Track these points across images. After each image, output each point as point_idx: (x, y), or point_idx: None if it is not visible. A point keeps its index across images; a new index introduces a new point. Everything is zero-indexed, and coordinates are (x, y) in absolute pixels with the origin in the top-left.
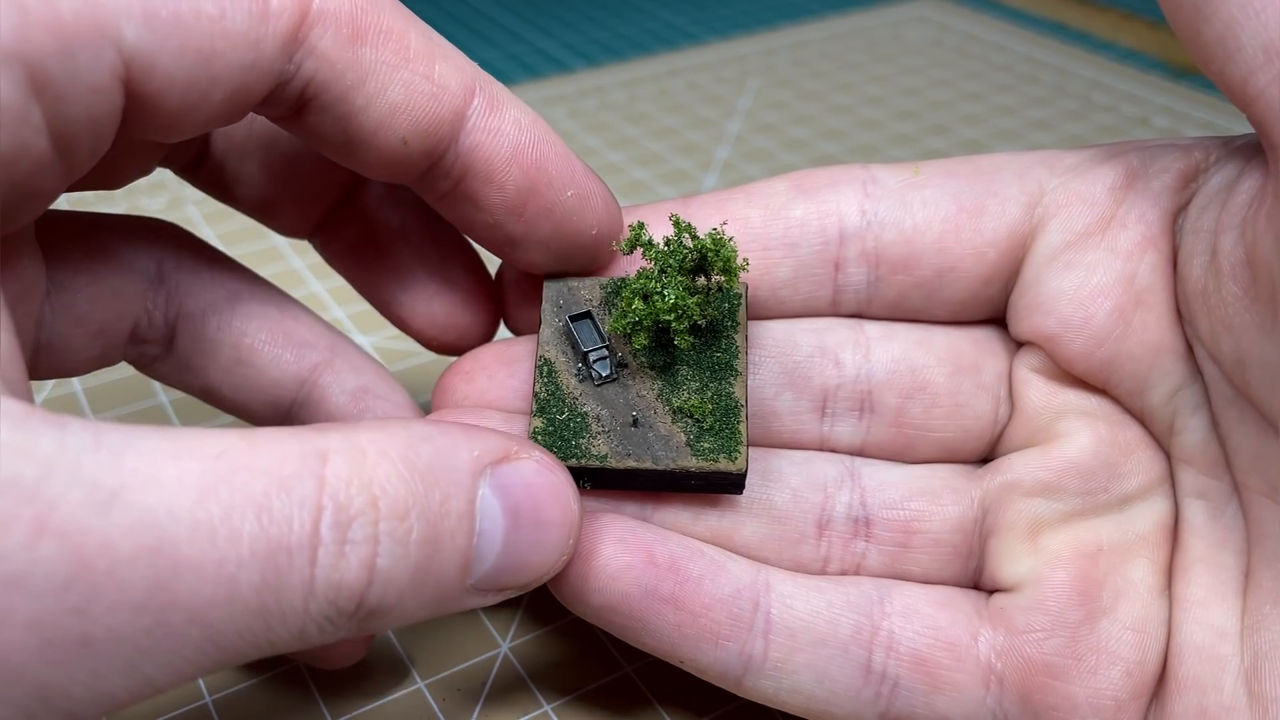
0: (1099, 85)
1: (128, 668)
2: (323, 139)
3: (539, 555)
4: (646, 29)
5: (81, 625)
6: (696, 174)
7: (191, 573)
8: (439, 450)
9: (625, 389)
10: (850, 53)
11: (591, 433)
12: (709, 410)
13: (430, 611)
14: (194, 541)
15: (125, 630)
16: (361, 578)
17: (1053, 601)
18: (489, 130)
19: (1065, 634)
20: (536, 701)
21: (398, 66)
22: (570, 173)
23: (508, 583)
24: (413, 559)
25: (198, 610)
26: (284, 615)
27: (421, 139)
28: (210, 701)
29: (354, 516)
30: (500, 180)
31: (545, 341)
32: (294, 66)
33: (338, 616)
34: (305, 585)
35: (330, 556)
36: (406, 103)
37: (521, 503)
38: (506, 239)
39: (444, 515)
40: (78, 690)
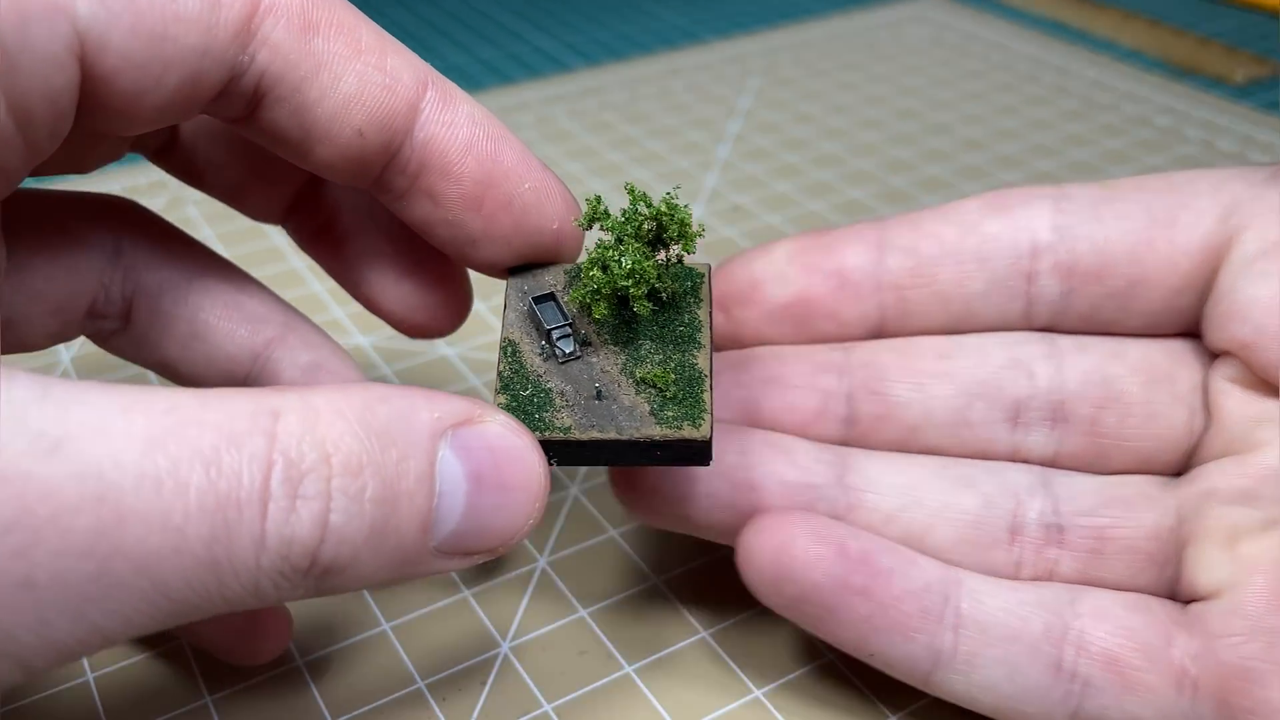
0: (1099, 84)
1: (75, 615)
2: (279, 136)
3: (504, 519)
4: (647, 28)
5: (24, 568)
6: (697, 173)
7: (137, 522)
8: (397, 411)
9: (589, 365)
10: (851, 52)
11: (555, 407)
12: (672, 380)
13: (392, 572)
14: (140, 492)
15: (70, 576)
16: (314, 534)
17: (1251, 606)
18: (443, 123)
19: (1264, 639)
20: (537, 701)
21: (350, 58)
22: (527, 166)
23: (473, 546)
24: (368, 517)
25: (145, 560)
26: (235, 570)
27: (377, 130)
28: (210, 701)
29: (306, 472)
30: (457, 173)
31: (509, 325)
32: (248, 59)
33: (292, 573)
34: (256, 540)
35: (281, 511)
36: (360, 93)
37: (484, 466)
38: (467, 237)
39: (401, 475)
40: (24, 634)
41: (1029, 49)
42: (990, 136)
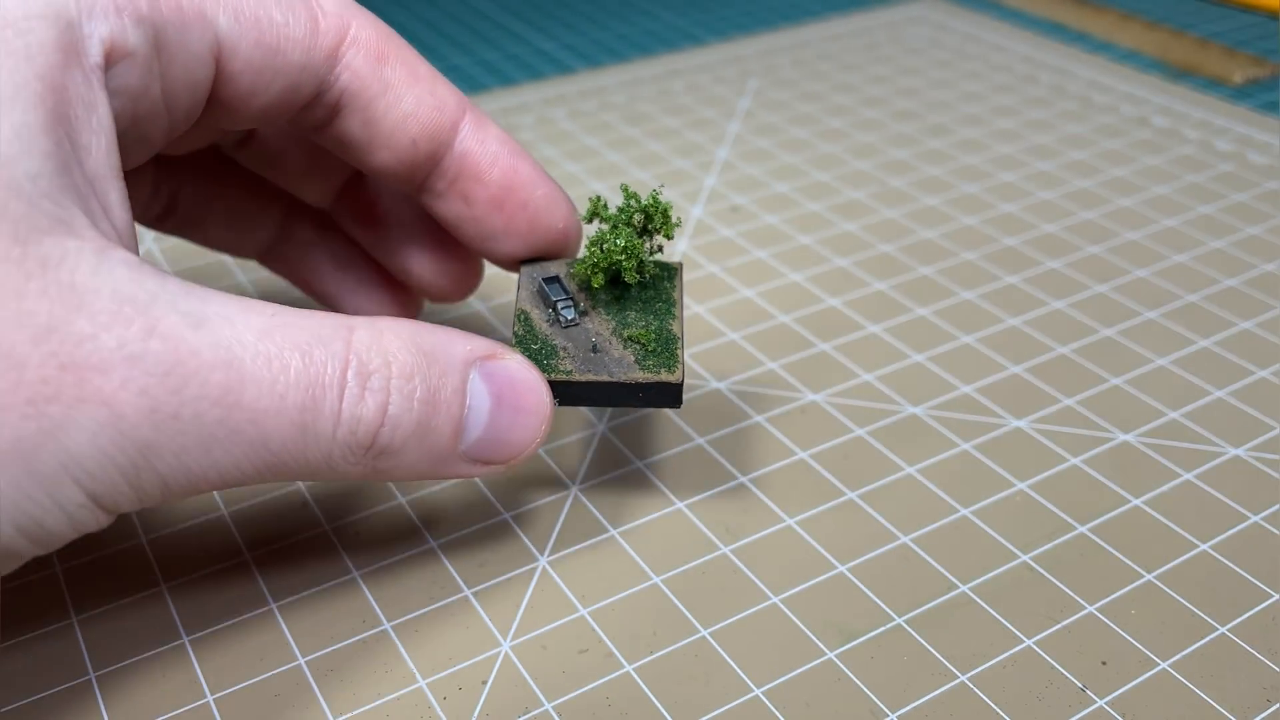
0: (1098, 85)
1: (204, 449)
2: (348, 141)
3: (517, 434)
4: (647, 30)
5: (176, 402)
6: (697, 174)
7: (252, 385)
8: (440, 340)
9: (585, 330)
10: (849, 53)
11: (559, 357)
12: (652, 338)
13: (429, 467)
14: (255, 363)
15: (205, 417)
16: (376, 418)
17: None
18: (477, 139)
19: None
20: (538, 700)
21: (410, 84)
22: (540, 177)
23: (491, 455)
24: (416, 413)
25: (256, 414)
26: (317, 436)
27: (427, 141)
28: (211, 700)
29: (372, 371)
30: (486, 179)
31: (521, 300)
32: (334, 77)
33: (356, 448)
34: (334, 415)
35: (353, 397)
36: (416, 112)
37: (504, 390)
38: (489, 233)
39: (441, 386)
40: (168, 458)
41: (1027, 50)
42: (989, 137)
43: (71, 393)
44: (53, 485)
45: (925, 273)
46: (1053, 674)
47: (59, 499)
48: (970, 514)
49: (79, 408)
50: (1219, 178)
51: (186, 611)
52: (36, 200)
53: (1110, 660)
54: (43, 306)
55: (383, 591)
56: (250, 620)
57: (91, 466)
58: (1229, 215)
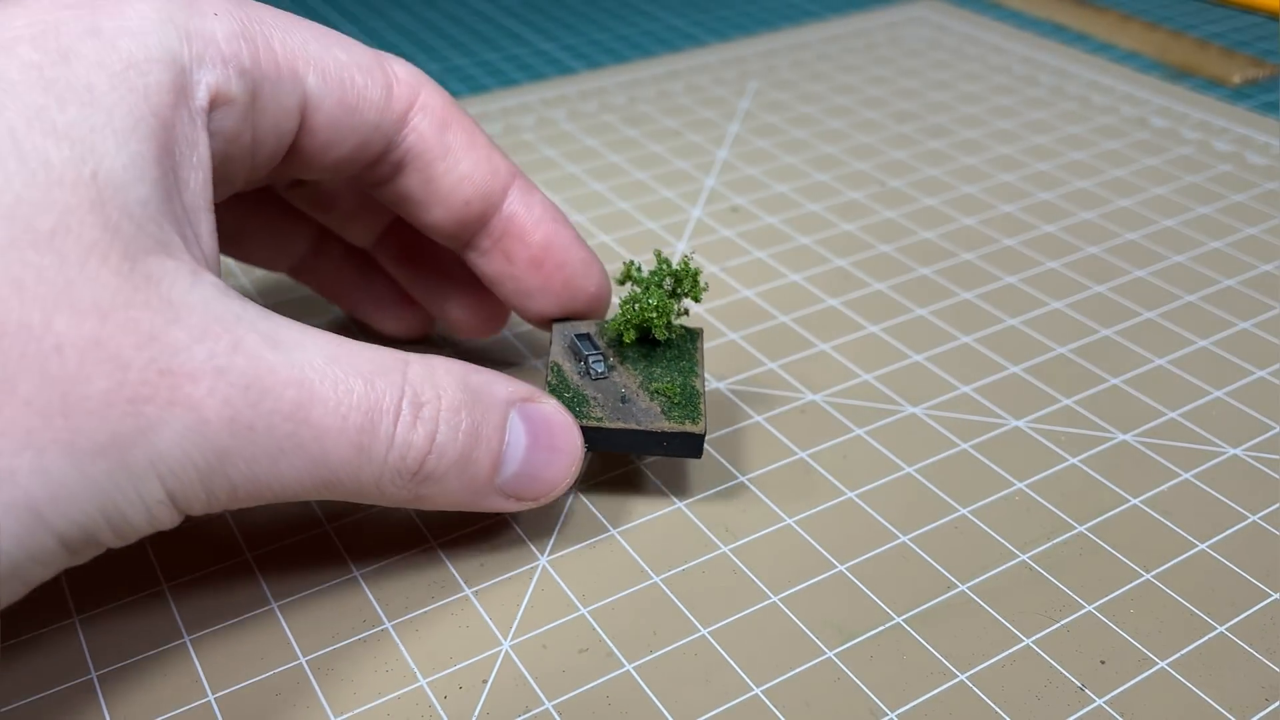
0: (1097, 86)
1: (271, 460)
2: (407, 197)
3: (550, 472)
4: (646, 31)
5: (253, 414)
6: (697, 175)
7: (320, 404)
8: (485, 380)
9: (614, 382)
10: (848, 54)
11: (590, 405)
12: (677, 392)
13: (467, 497)
14: (323, 385)
15: (276, 429)
16: (425, 445)
17: None
18: (524, 204)
19: None
20: (538, 699)
21: (469, 149)
22: (578, 242)
23: (524, 491)
24: (460, 443)
25: (320, 431)
26: (371, 458)
27: (480, 202)
28: (213, 699)
29: (424, 402)
30: (529, 240)
31: (555, 354)
32: (401, 138)
33: (405, 472)
34: (388, 439)
35: (406, 424)
36: (472, 174)
37: (540, 430)
38: (527, 290)
39: (484, 422)
40: (240, 465)
41: (1026, 51)
42: (989, 138)
43: (165, 396)
44: (140, 480)
45: (924, 273)
46: (1052, 673)
47: (144, 494)
48: (969, 514)
49: (170, 410)
50: (1218, 178)
51: (188, 611)
52: (144, 223)
53: (1109, 659)
54: (146, 316)
55: (383, 591)
56: (251, 620)
57: (175, 466)
58: (1228, 216)
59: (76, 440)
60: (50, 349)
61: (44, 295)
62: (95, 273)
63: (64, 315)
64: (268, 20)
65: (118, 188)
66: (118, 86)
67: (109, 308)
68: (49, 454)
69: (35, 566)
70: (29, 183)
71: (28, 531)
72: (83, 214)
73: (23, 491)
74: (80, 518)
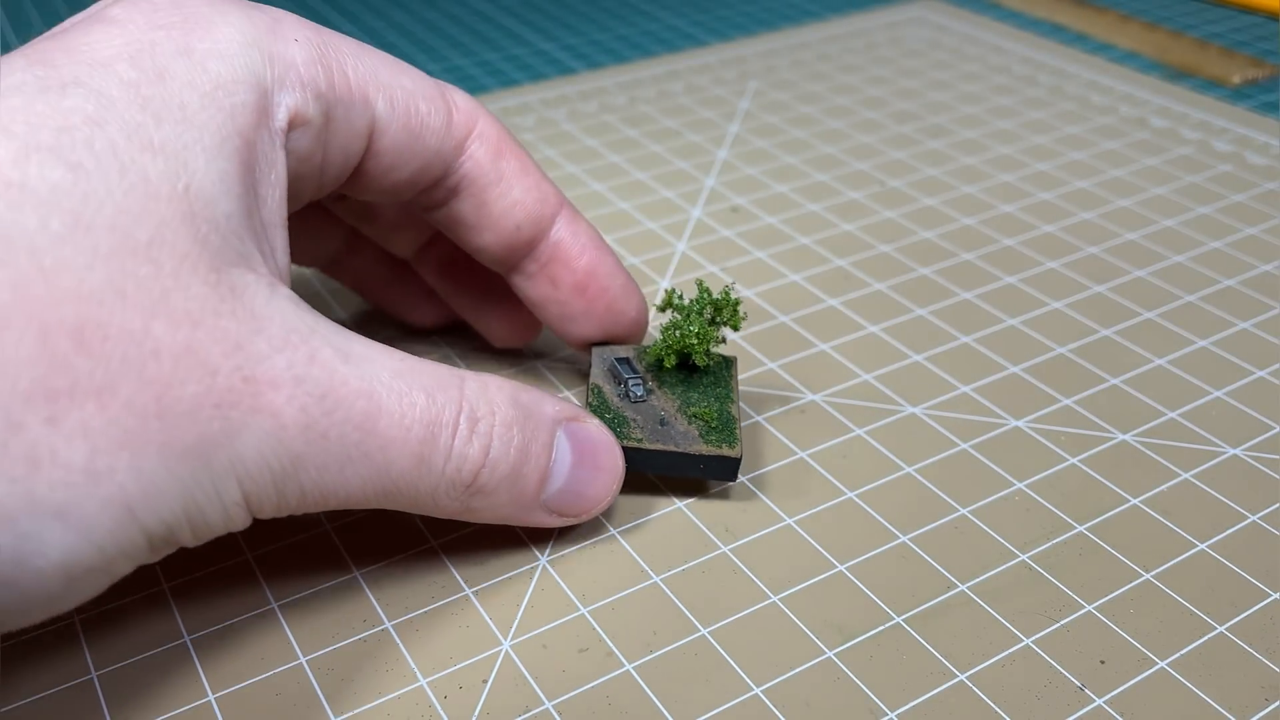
0: (1096, 86)
1: (339, 468)
2: (460, 221)
3: (593, 490)
4: (646, 31)
5: (326, 422)
6: (697, 175)
7: (386, 416)
8: (534, 398)
9: (653, 406)
10: (848, 54)
11: (630, 427)
12: (714, 417)
13: (512, 511)
14: (389, 398)
15: (346, 438)
16: (479, 459)
17: None
18: (570, 230)
19: None
20: (538, 699)
21: (521, 176)
22: (620, 269)
23: (567, 508)
24: (511, 459)
25: (386, 441)
26: (429, 469)
27: (530, 226)
28: (213, 699)
29: (479, 418)
30: (574, 265)
31: (595, 376)
32: (459, 164)
33: (459, 484)
34: (445, 451)
35: (463, 438)
36: (524, 200)
37: (584, 449)
38: (570, 315)
39: (533, 439)
40: (311, 471)
41: (1026, 51)
42: (988, 138)
43: (248, 402)
44: (221, 481)
45: (924, 273)
46: (1051, 673)
47: (223, 494)
48: (969, 513)
49: (253, 416)
50: (1217, 178)
51: (188, 611)
52: (228, 236)
53: (1109, 659)
54: (233, 326)
55: (383, 591)
56: (251, 620)
57: (252, 469)
58: (1227, 216)
59: (169, 442)
60: (149, 354)
61: (143, 302)
62: (187, 282)
63: (160, 322)
64: (342, 48)
65: (207, 202)
66: (207, 106)
67: (199, 316)
68: (144, 454)
69: (123, 561)
70: (129, 195)
71: (121, 527)
72: (176, 226)
73: (119, 489)
74: (167, 516)
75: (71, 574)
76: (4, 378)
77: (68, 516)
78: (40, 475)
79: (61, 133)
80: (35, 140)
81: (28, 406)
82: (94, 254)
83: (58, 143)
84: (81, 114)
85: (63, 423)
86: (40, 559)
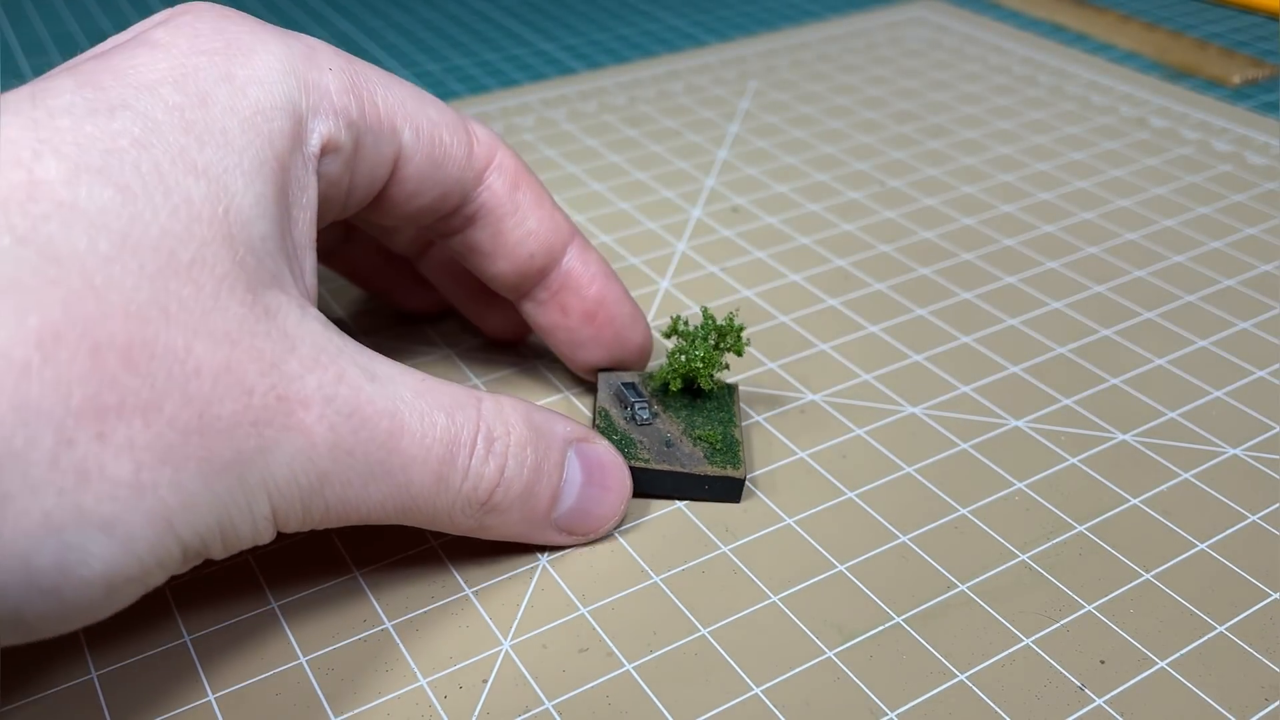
0: (1096, 87)
1: (363, 484)
2: (475, 248)
3: (602, 509)
4: (646, 31)
5: (353, 440)
6: (697, 175)
7: (408, 435)
8: (546, 419)
9: (659, 429)
10: (848, 55)
11: (637, 448)
12: (718, 440)
13: (524, 529)
14: (412, 417)
15: (371, 456)
16: (494, 478)
17: None
18: (581, 260)
19: None
20: (538, 699)
21: (536, 207)
22: (627, 297)
23: (577, 526)
24: (525, 478)
25: (407, 460)
26: (447, 487)
27: (543, 255)
28: (213, 699)
29: (496, 438)
30: (584, 293)
31: (601, 400)
32: (477, 194)
33: (475, 502)
34: (464, 470)
35: (480, 457)
36: (538, 230)
37: (594, 469)
38: (578, 341)
39: (546, 458)
40: (336, 487)
41: (1026, 51)
42: (988, 138)
43: (281, 420)
44: (253, 496)
45: (924, 273)
46: (1051, 673)
47: (254, 509)
48: (969, 513)
49: (285, 434)
50: (1217, 178)
51: (188, 611)
52: (263, 258)
53: (1109, 659)
54: (268, 346)
55: (383, 591)
56: (252, 619)
57: (282, 485)
58: (1227, 216)
59: (208, 457)
60: (191, 372)
61: (185, 322)
62: (226, 303)
63: (201, 341)
64: (373, 78)
65: (244, 224)
66: (247, 130)
67: (237, 336)
68: (184, 469)
69: (158, 571)
70: (173, 217)
71: (160, 540)
72: (216, 248)
73: (160, 502)
74: (202, 529)
75: (113, 584)
76: (58, 394)
77: (113, 529)
78: (89, 489)
79: (110, 155)
80: (85, 161)
81: (79, 422)
82: (140, 274)
83: (106, 164)
84: (129, 136)
85: (111, 439)
86: (85, 569)
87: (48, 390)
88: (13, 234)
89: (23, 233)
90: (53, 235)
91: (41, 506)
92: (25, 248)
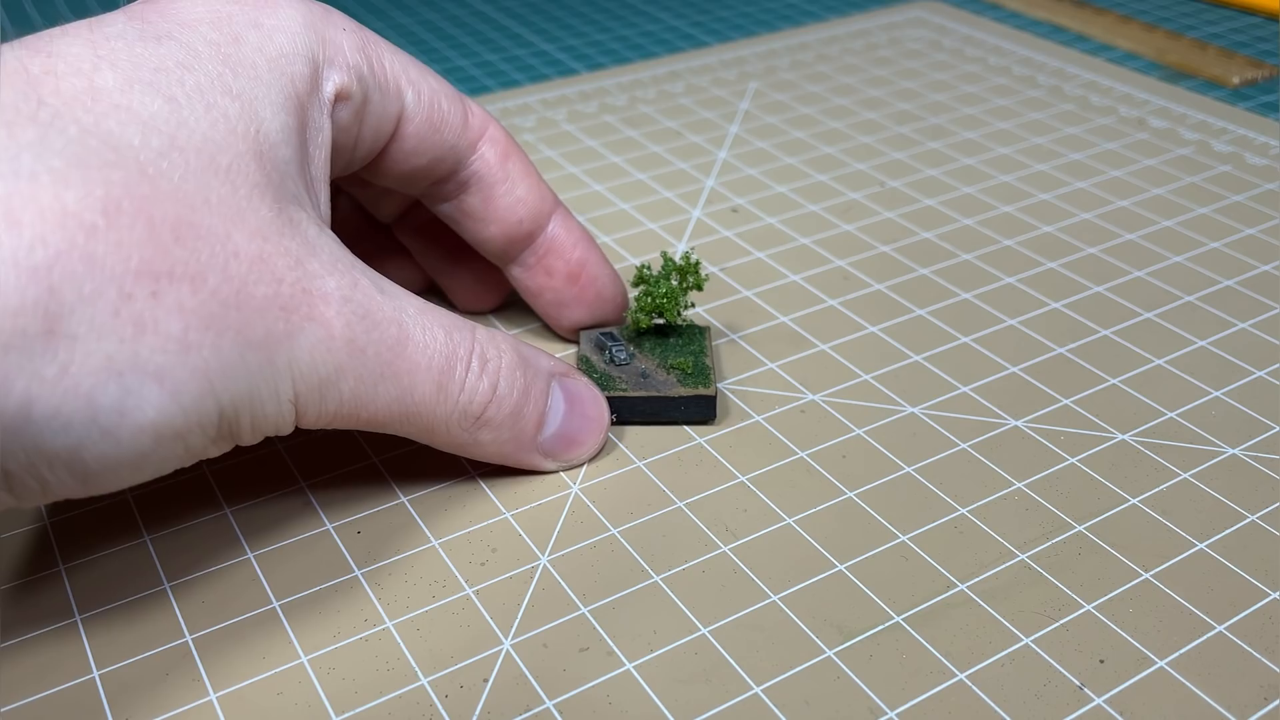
0: (1096, 87)
1: (371, 383)
2: (467, 214)
3: (583, 435)
4: (646, 32)
5: (365, 340)
6: (698, 176)
7: (413, 344)
8: (532, 352)
9: (636, 365)
10: (848, 55)
11: (616, 382)
12: (690, 366)
13: (512, 449)
14: (416, 328)
15: (381, 356)
16: (487, 394)
17: None
18: (565, 226)
19: None
20: (539, 698)
21: (524, 176)
22: (605, 260)
23: (559, 452)
24: (514, 398)
25: (412, 366)
26: (445, 398)
27: (531, 222)
28: (214, 698)
29: (489, 359)
30: (568, 256)
31: (583, 349)
32: (469, 161)
33: (470, 414)
34: (460, 383)
35: (475, 374)
36: (526, 198)
37: (575, 399)
38: (562, 301)
39: (533, 383)
40: (350, 381)
41: (1025, 52)
42: (988, 139)
43: (305, 310)
44: (279, 377)
45: (924, 273)
46: (1051, 672)
47: (279, 390)
48: (968, 513)
49: (309, 323)
50: (1216, 179)
51: (189, 609)
52: (286, 179)
53: (1108, 659)
54: (294, 246)
55: (384, 590)
56: (253, 619)
57: (304, 370)
58: (1226, 216)
59: (243, 330)
60: (230, 254)
61: (225, 213)
62: (258, 206)
63: (239, 231)
64: (380, 44)
65: (272, 145)
66: (273, 69)
67: (268, 233)
68: (224, 336)
69: (198, 433)
70: (213, 127)
71: (202, 398)
72: (248, 160)
73: (204, 362)
74: (235, 398)
75: (160, 434)
76: (120, 254)
77: (163, 379)
78: (144, 339)
79: (158, 72)
80: (137, 76)
81: (137, 281)
82: (186, 169)
83: (155, 79)
84: (175, 59)
85: (164, 298)
86: (139, 414)
87: (111, 250)
88: (79, 125)
89: (87, 125)
90: (111, 130)
91: (105, 350)
92: (90, 137)
